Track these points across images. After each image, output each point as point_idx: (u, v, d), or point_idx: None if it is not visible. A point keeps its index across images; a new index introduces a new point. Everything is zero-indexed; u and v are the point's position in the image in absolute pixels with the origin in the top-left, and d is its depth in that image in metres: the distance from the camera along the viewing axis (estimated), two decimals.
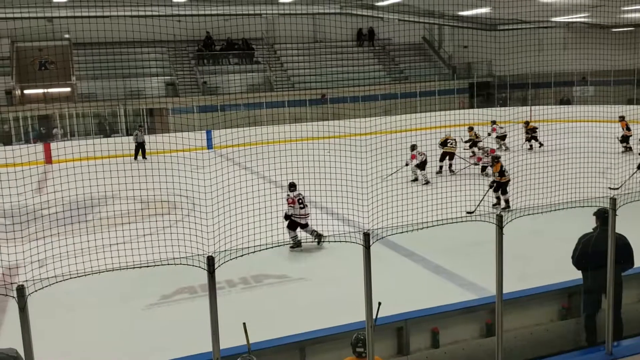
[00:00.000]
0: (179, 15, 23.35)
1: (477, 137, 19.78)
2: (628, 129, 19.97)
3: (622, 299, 6.08)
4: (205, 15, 25.70)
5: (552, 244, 10.28)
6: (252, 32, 31.33)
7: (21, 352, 3.84)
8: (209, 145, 25.63)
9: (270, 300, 8.67)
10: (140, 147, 24.24)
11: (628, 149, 19.51)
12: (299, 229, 10.70)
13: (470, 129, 20.22)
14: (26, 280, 3.89)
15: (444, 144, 17.54)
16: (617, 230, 5.23)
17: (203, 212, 5.86)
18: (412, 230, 5.02)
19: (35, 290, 3.83)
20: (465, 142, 19.74)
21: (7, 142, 24.89)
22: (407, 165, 16.40)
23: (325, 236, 10.56)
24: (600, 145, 9.18)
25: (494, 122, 22.18)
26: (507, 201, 12.76)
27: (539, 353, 6.10)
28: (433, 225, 5.17)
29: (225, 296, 8.59)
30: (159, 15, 21.92)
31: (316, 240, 10.77)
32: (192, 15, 25.19)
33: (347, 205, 6.86)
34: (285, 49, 32.84)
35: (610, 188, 9.42)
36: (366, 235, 4.27)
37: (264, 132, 25.86)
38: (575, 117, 20.72)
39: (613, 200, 5.12)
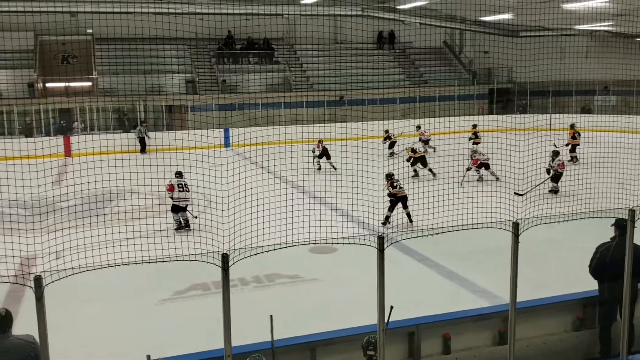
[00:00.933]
0: (200, 14, 23.49)
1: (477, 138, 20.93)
2: (574, 137, 19.91)
3: (634, 310, 6.01)
4: (226, 14, 25.82)
5: (568, 254, 10.18)
6: (273, 32, 31.41)
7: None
8: (227, 144, 25.75)
9: (282, 300, 8.69)
10: (141, 142, 24.89)
11: (573, 159, 19.40)
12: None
13: (418, 127, 22.74)
14: (43, 271, 3.94)
15: (413, 150, 18.10)
16: (634, 241, 5.18)
17: (219, 210, 5.88)
18: (427, 235, 5.00)
19: (52, 281, 3.87)
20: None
21: (29, 134, 25.20)
22: (313, 151, 19.14)
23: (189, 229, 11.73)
24: (620, 156, 9.08)
25: (418, 127, 23.01)
26: (409, 214, 11.79)
27: None
28: (448, 231, 5.15)
29: (237, 294, 8.63)
30: (181, 13, 22.05)
31: (183, 225, 11.96)
32: (213, 13, 25.33)
33: (362, 208, 6.86)
34: (305, 49, 32.89)
35: (515, 193, 9.20)
36: (380, 239, 4.27)
37: (282, 132, 25.97)
38: (596, 126, 20.55)
39: (632, 212, 5.06)
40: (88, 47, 27.99)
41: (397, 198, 11.94)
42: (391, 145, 22.04)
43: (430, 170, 17.57)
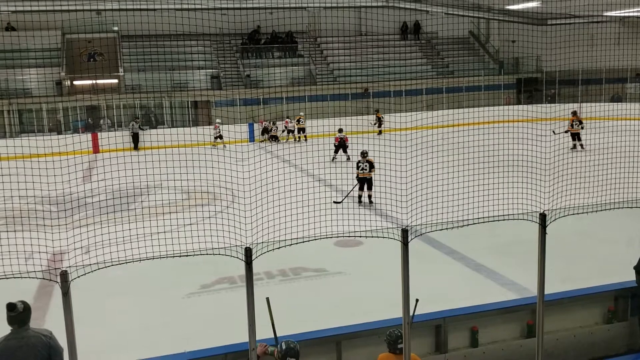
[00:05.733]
0: (223, 9, 23.54)
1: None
2: (572, 125, 20.49)
3: None
4: (248, 8, 25.88)
5: (597, 245, 10.00)
6: (297, 25, 31.38)
7: (63, 336, 3.93)
8: (251, 138, 25.88)
9: (308, 293, 8.69)
10: (135, 138, 24.81)
11: (576, 146, 20.18)
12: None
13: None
14: (69, 267, 3.97)
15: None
16: None
17: (243, 204, 5.89)
18: (452, 227, 4.93)
19: (78, 276, 3.91)
20: None
21: (57, 131, 25.62)
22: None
23: None
24: None
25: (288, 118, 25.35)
26: (369, 196, 13.01)
27: (583, 357, 5.94)
28: (474, 223, 5.07)
29: (263, 287, 8.65)
30: (203, 9, 22.14)
31: None
32: (235, 8, 25.39)
33: (387, 201, 6.79)
34: (328, 42, 32.77)
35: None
36: (404, 232, 4.22)
37: (306, 126, 26.07)
38: (627, 114, 20.09)
39: None
40: (114, 44, 28.30)
41: (359, 179, 12.80)
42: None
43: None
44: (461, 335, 5.81)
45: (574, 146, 20.14)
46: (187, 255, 4.56)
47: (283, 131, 25.74)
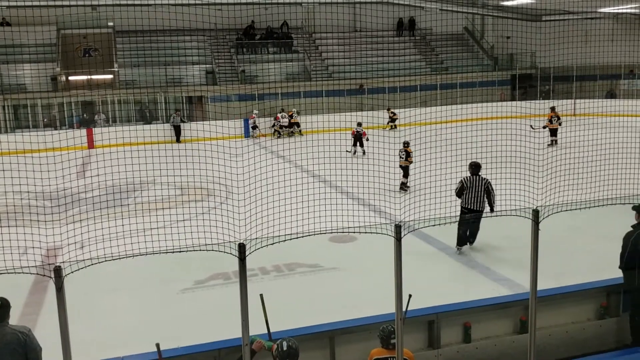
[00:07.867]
0: (218, 4, 23.46)
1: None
2: (550, 121, 20.48)
3: None
4: (243, 3, 25.77)
5: (591, 241, 10.04)
6: (291, 21, 31.28)
7: (57, 331, 3.92)
8: (246, 134, 25.87)
9: (302, 289, 8.71)
10: (177, 130, 25.03)
11: (553, 142, 20.12)
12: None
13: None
14: (63, 262, 3.98)
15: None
16: None
17: (237, 200, 5.89)
18: (445, 223, 4.95)
19: (72, 272, 3.91)
20: None
21: (53, 127, 25.51)
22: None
23: None
24: None
25: (282, 110, 26.06)
26: (403, 184, 13.78)
27: (575, 352, 5.97)
28: (467, 219, 5.09)
29: (257, 283, 8.67)
30: (198, 4, 22.03)
31: None
32: (231, 3, 25.28)
33: (380, 197, 6.81)
34: (323, 38, 32.71)
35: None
36: (397, 227, 4.23)
37: (301, 122, 26.09)
38: (620, 111, 20.16)
39: None
40: (108, 39, 28.18)
41: (401, 167, 13.61)
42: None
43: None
44: (454, 330, 5.84)
45: (552, 142, 20.15)
46: (180, 252, 4.57)
47: (282, 126, 26.34)
